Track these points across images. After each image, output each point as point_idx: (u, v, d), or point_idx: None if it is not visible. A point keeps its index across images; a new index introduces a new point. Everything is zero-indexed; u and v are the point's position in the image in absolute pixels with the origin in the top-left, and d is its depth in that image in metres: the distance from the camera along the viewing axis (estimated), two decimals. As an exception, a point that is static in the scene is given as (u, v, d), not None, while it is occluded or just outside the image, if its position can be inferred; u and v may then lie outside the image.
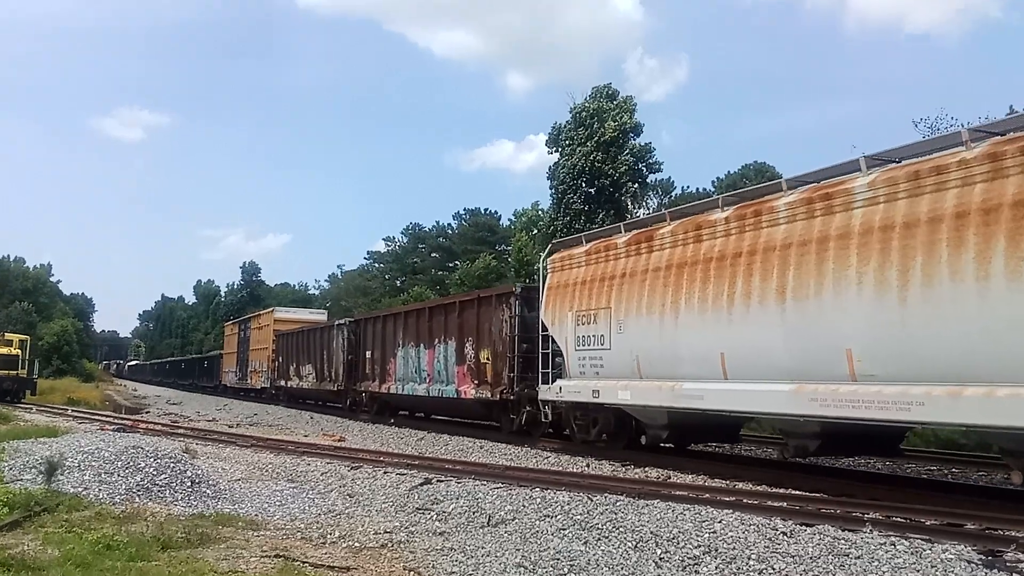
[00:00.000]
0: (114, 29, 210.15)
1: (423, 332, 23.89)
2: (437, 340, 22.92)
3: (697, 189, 55.70)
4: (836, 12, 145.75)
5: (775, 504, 10.22)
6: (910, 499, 10.37)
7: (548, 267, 17.90)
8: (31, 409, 29.92)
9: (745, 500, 10.55)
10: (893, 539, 7.85)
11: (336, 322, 32.10)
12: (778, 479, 12.59)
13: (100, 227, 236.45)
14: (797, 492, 11.41)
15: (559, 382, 16.78)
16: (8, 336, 39.58)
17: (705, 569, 7.16)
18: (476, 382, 20.58)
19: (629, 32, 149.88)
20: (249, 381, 46.84)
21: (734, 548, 7.64)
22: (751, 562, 7.22)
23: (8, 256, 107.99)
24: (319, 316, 44.19)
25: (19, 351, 37.17)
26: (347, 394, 30.02)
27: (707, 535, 8.10)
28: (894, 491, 11.26)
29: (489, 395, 19.73)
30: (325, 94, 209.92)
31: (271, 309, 47.11)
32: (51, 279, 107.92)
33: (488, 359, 20.07)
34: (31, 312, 74.17)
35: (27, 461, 12.17)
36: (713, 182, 55.72)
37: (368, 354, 28.21)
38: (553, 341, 17.04)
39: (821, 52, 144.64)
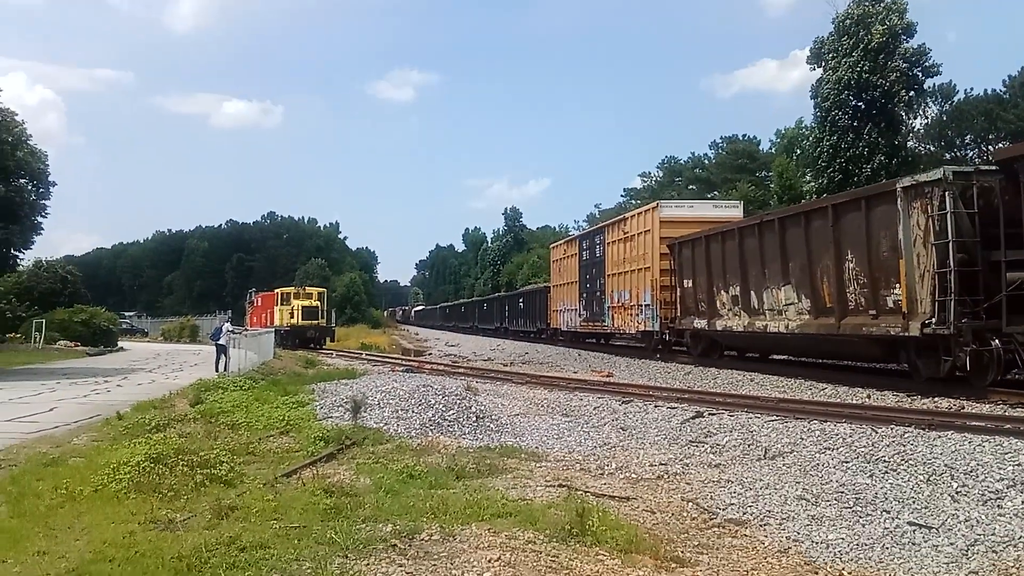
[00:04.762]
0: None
1: None
2: None
3: (985, 91, 49.74)
4: None
5: (1094, 435, 9.18)
6: None
7: None
8: (332, 354, 33.44)
9: (1056, 431, 9.57)
10: None
11: (914, 180, 14.26)
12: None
13: (378, 184, 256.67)
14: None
15: None
16: (309, 289, 44.41)
17: (1009, 504, 6.65)
18: None
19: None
20: (610, 321, 31.55)
21: (1044, 482, 7.00)
22: (1066, 497, 6.60)
23: (303, 218, 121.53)
24: (732, 211, 27.29)
25: (319, 303, 41.57)
26: (956, 343, 13.21)
27: (1011, 468, 7.48)
28: None
29: None
30: (578, 35, 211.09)
31: (654, 204, 28.78)
32: (339, 236, 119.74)
33: None
34: (325, 267, 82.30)
35: (335, 400, 13.75)
36: (1004, 80, 49.49)
37: None
38: None
39: None
